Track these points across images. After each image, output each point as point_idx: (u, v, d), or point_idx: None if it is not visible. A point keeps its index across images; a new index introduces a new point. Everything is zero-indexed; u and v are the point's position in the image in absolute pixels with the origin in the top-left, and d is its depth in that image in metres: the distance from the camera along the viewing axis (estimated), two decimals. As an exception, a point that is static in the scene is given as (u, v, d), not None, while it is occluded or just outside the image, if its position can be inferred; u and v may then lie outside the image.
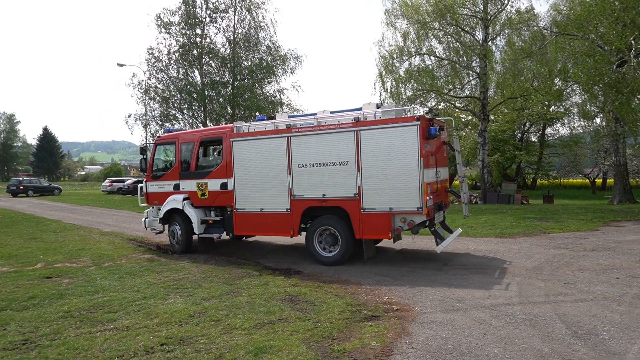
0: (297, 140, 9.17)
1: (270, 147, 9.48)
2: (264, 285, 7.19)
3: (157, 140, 12.06)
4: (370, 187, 8.51)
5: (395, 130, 8.27)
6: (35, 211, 23.47)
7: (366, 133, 8.46)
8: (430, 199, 8.32)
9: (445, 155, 9.83)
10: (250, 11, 29.64)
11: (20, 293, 6.90)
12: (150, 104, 29.64)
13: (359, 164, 8.57)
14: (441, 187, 9.39)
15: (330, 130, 8.82)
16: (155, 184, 11.56)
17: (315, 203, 9.07)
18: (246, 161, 9.81)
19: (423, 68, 25.84)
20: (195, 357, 4.45)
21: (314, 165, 9.02)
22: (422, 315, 5.64)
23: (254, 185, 9.76)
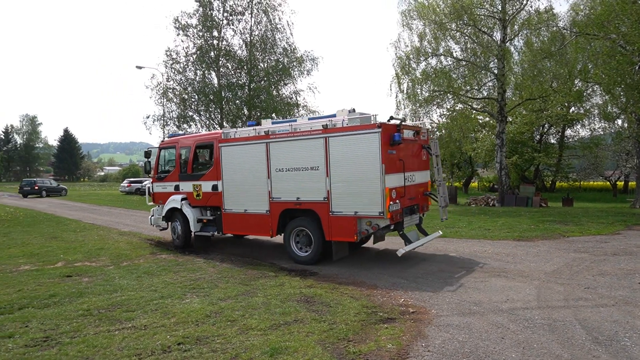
0: (274, 146, 9.70)
1: (252, 152, 10.09)
2: (280, 286, 7.21)
3: (161, 144, 12.90)
4: (338, 192, 8.87)
5: (358, 137, 8.58)
6: (56, 211, 23.91)
7: (334, 140, 8.82)
8: (396, 204, 8.57)
9: (424, 159, 10.05)
10: (266, 13, 29.78)
11: (42, 291, 7.03)
12: (168, 105, 29.99)
13: (328, 169, 8.94)
14: (417, 190, 9.66)
15: (303, 136, 9.28)
16: (159, 185, 12.42)
17: (291, 205, 9.55)
18: (232, 165, 10.47)
19: (440, 69, 25.63)
20: (212, 356, 4.48)
21: (290, 170, 9.52)
22: (438, 318, 5.59)
23: (239, 188, 10.41)
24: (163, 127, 29.87)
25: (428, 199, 10.27)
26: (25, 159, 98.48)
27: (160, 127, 30.10)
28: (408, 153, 9.29)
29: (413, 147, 9.56)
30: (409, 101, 26.44)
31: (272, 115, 29.43)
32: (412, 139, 9.44)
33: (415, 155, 9.65)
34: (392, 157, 8.60)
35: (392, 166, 8.60)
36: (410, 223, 9.64)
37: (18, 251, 10.92)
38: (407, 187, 9.16)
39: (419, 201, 9.83)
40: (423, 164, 10.02)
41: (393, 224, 8.70)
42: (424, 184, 10.13)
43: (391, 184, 8.50)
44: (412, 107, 26.56)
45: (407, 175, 9.15)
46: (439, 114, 29.84)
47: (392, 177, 8.54)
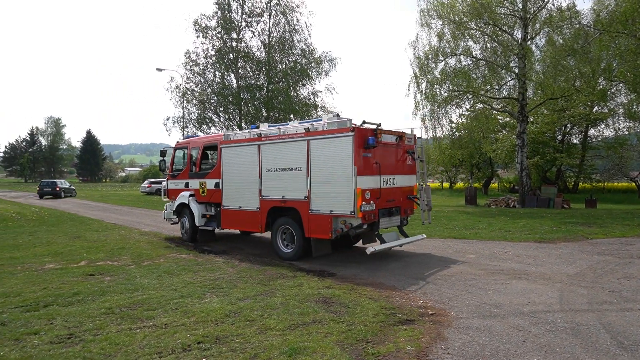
0: (265, 148, 10.42)
1: (247, 153, 10.83)
2: (298, 287, 7.23)
3: (176, 145, 13.87)
4: (317, 191, 9.40)
5: (334, 140, 9.09)
6: (79, 211, 24.41)
7: (314, 142, 9.40)
8: (370, 204, 8.96)
9: (409, 163, 10.40)
10: (285, 15, 29.90)
11: (66, 289, 7.18)
12: (188, 107, 30.34)
13: (309, 170, 9.51)
14: (398, 193, 9.99)
15: (288, 139, 9.92)
16: (173, 182, 13.51)
17: (278, 204, 10.18)
18: (230, 165, 11.30)
19: (459, 69, 25.38)
20: (231, 356, 4.51)
21: (277, 170, 10.17)
22: (458, 321, 5.53)
23: (236, 186, 11.20)
24: (183, 128, 30.22)
25: (412, 202, 10.49)
26: (49, 160, 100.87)
27: (180, 129, 30.47)
28: (388, 157, 9.69)
29: (395, 151, 9.99)
30: (428, 101, 26.25)
31: (290, 117, 29.53)
32: (394, 143, 9.88)
33: (397, 159, 10.07)
34: (367, 159, 9.01)
35: (366, 168, 9.00)
36: (390, 224, 9.94)
37: (43, 250, 11.17)
38: (385, 190, 9.52)
39: (401, 204, 10.14)
40: (407, 168, 10.35)
41: (366, 223, 9.02)
42: (409, 187, 10.40)
43: (364, 185, 8.89)
44: (431, 107, 26.36)
45: (385, 178, 9.53)
46: (458, 114, 29.56)
47: (365, 179, 8.94)
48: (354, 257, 9.99)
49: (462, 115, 29.99)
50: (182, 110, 30.33)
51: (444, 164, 43.08)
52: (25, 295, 6.80)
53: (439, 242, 12.14)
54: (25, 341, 4.94)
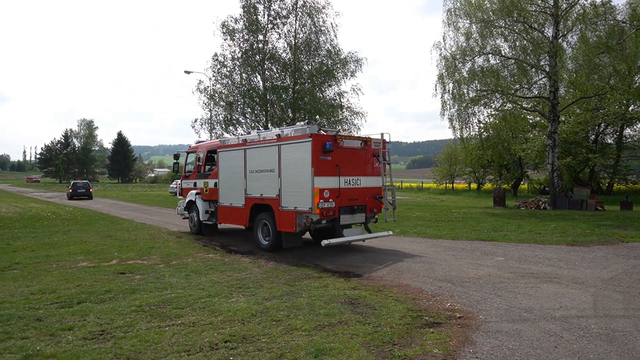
0: (249, 152, 11.73)
1: (236, 157, 12.20)
2: (324, 287, 7.23)
3: (188, 149, 15.63)
4: (286, 190, 10.56)
5: (297, 145, 10.22)
6: (110, 211, 25.06)
7: (284, 147, 10.60)
8: (329, 202, 9.97)
9: (376, 166, 11.14)
10: (311, 16, 29.97)
11: (98, 287, 7.37)
12: (215, 108, 30.72)
13: (280, 171, 10.68)
14: (362, 193, 10.82)
15: (265, 144, 11.19)
16: (185, 182, 15.33)
17: (257, 201, 11.43)
18: (225, 167, 12.74)
19: (487, 68, 24.95)
20: (257, 355, 4.54)
21: (258, 172, 11.45)
22: (486, 324, 5.43)
23: (228, 185, 12.62)
24: (210, 130, 30.64)
25: (379, 202, 11.19)
26: (82, 162, 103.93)
27: (208, 130, 30.89)
28: (350, 160, 10.55)
29: (360, 155, 10.85)
30: (455, 101, 25.92)
31: (315, 117, 29.58)
32: (358, 148, 10.79)
33: (363, 162, 10.89)
34: (326, 162, 10.01)
35: (325, 170, 9.97)
36: (353, 221, 10.80)
37: (76, 249, 11.51)
38: (346, 189, 10.44)
39: (366, 203, 10.94)
40: (373, 171, 11.11)
41: (324, 219, 10.04)
42: (375, 188, 11.14)
43: (322, 185, 9.89)
44: (458, 107, 26.00)
45: (346, 179, 10.44)
46: (486, 114, 29.04)
47: (323, 179, 9.93)
48: (379, 258, 9.94)
49: (490, 115, 29.47)
50: (209, 112, 30.76)
51: (472, 165, 42.41)
52: (60, 292, 7.01)
53: (466, 244, 11.96)
54: (60, 337, 5.09)
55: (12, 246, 11.95)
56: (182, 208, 15.19)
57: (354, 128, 31.24)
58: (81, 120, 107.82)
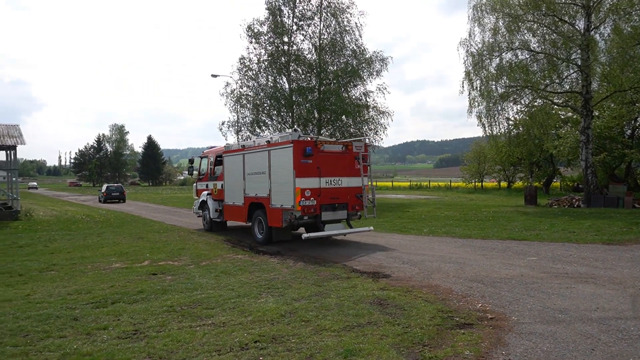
0: (246, 156, 13.20)
1: (237, 161, 13.70)
2: (352, 288, 7.21)
3: (202, 155, 17.37)
4: (274, 190, 11.88)
5: (282, 150, 11.56)
6: (142, 213, 25.64)
7: (272, 152, 11.96)
8: (310, 200, 11.17)
9: (357, 167, 12.19)
10: (335, 16, 29.92)
11: (131, 287, 7.55)
12: (242, 111, 31.01)
13: (270, 173, 12.05)
14: (344, 192, 11.94)
15: (258, 149, 12.65)
16: (199, 184, 17.14)
17: (254, 200, 12.85)
18: (228, 170, 14.28)
19: (516, 63, 24.38)
20: (287, 355, 4.56)
21: (253, 174, 12.83)
22: (519, 326, 5.31)
23: (231, 186, 14.13)
24: (237, 132, 30.96)
25: (359, 199, 12.25)
26: (114, 165, 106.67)
27: (235, 133, 31.21)
28: (331, 162, 11.68)
29: (341, 157, 11.95)
30: (483, 98, 25.43)
31: (341, 118, 29.52)
32: (339, 151, 11.93)
33: (344, 164, 11.98)
34: (307, 165, 11.19)
35: (306, 172, 11.15)
36: (335, 217, 11.85)
37: (110, 250, 11.83)
38: (326, 189, 11.58)
39: (348, 201, 12.06)
40: (354, 172, 12.19)
41: (306, 215, 11.22)
42: (355, 187, 12.21)
43: (303, 185, 11.08)
44: (487, 105, 25.50)
45: (327, 179, 11.58)
46: (515, 111, 28.38)
47: (304, 180, 11.13)
48: (407, 259, 9.84)
49: (519, 112, 28.79)
50: (236, 115, 31.08)
51: (501, 163, 41.51)
52: (95, 293, 7.22)
53: (497, 243, 11.73)
54: (95, 335, 5.24)
55: (49, 248, 12.37)
56: (196, 207, 16.97)
57: (380, 127, 31.06)
58: (113, 125, 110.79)
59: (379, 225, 16.76)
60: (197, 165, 17.45)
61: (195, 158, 17.96)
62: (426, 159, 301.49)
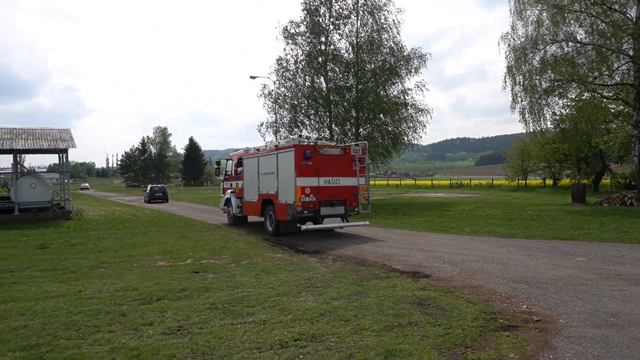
0: (261, 159, 15.13)
1: (253, 162, 15.70)
2: (392, 288, 7.14)
3: (228, 157, 19.62)
4: (281, 188, 13.61)
5: (286, 154, 13.35)
6: (184, 213, 26.35)
7: (279, 155, 13.76)
8: (310, 197, 12.86)
9: (354, 168, 13.73)
10: (372, 14, 29.72)
11: (174, 285, 7.77)
12: (280, 112, 31.29)
13: (277, 174, 13.83)
14: (341, 190, 13.54)
15: (269, 153, 14.61)
16: (225, 183, 19.43)
17: (265, 196, 14.67)
18: (247, 171, 16.35)
19: (561, 56, 23.44)
20: (327, 354, 4.57)
21: (265, 174, 14.71)
22: (567, 329, 5.10)
23: (249, 185, 16.19)
24: (275, 133, 31.27)
25: (356, 197, 13.78)
26: (158, 167, 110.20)
27: (273, 133, 31.55)
28: (329, 164, 13.30)
29: (340, 160, 13.55)
30: (526, 93, 24.62)
31: (379, 116, 29.27)
32: (338, 154, 13.58)
33: (342, 165, 13.55)
34: (307, 166, 12.84)
35: (306, 172, 12.82)
36: (333, 212, 13.48)
37: (155, 249, 12.21)
38: (325, 187, 13.23)
39: (345, 198, 13.61)
40: (351, 172, 13.73)
41: (306, 210, 12.91)
42: (352, 186, 13.76)
43: (303, 184, 12.77)
44: (530, 100, 24.66)
45: (326, 179, 13.22)
46: (561, 105, 27.28)
47: (305, 179, 12.81)
48: (448, 259, 9.66)
49: (566, 106, 27.67)
50: (274, 116, 31.41)
51: (546, 159, 40.03)
52: (141, 290, 7.47)
53: (542, 243, 11.33)
54: (142, 331, 5.42)
55: (98, 246, 12.90)
56: (222, 204, 19.35)
57: (418, 125, 30.61)
58: (156, 128, 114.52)
59: (418, 224, 16.54)
60: (224, 166, 19.73)
61: (222, 160, 20.38)
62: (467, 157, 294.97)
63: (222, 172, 19.98)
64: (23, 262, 10.58)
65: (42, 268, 9.75)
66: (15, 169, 22.63)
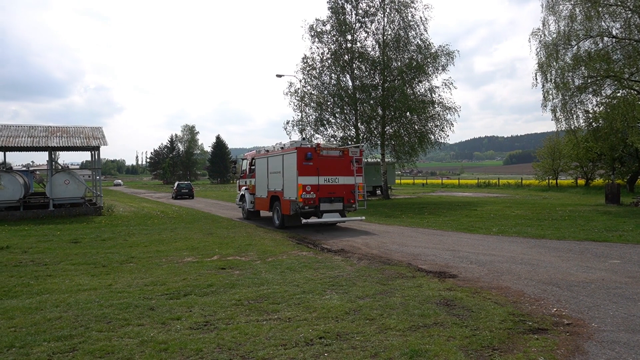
0: (269, 159, 16.91)
1: (263, 162, 17.50)
2: (418, 287, 7.08)
3: (242, 157, 21.35)
4: (286, 186, 15.30)
5: (290, 155, 15.02)
6: (211, 210, 26.71)
7: (285, 156, 15.48)
8: (310, 194, 14.44)
9: (352, 169, 15.28)
10: (399, 12, 29.48)
11: (202, 280, 7.89)
12: (306, 110, 31.36)
13: (283, 173, 15.55)
14: (340, 188, 15.08)
15: (276, 154, 16.36)
16: (241, 180, 20.95)
17: (273, 193, 16.42)
18: (258, 170, 18.12)
19: (595, 52, 22.73)
20: (352, 353, 4.56)
21: (273, 173, 16.47)
22: (600, 333, 4.95)
23: (259, 182, 17.96)
24: (301, 131, 31.37)
25: (353, 194, 15.28)
26: (186, 164, 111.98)
27: (299, 132, 31.66)
28: (329, 164, 14.87)
29: (338, 161, 15.10)
30: (558, 90, 23.98)
31: (406, 114, 29.01)
32: (337, 156, 15.12)
33: (341, 166, 15.10)
34: (308, 166, 14.45)
35: (307, 172, 14.44)
36: (332, 208, 14.97)
37: (182, 245, 12.43)
38: (324, 185, 14.77)
39: (343, 195, 15.13)
40: (349, 172, 15.26)
41: (307, 206, 14.47)
42: (350, 185, 15.28)
43: (305, 182, 14.39)
44: (562, 97, 24.00)
45: (325, 178, 14.76)
46: (595, 103, 26.45)
47: (306, 178, 14.43)
48: (475, 259, 9.50)
49: (600, 104, 26.82)
50: (300, 114, 31.50)
51: (579, 159, 38.89)
52: (169, 285, 7.62)
53: (573, 244, 11.03)
54: (170, 325, 5.53)
55: (128, 242, 13.22)
56: (238, 200, 21.29)
57: (446, 123, 30.22)
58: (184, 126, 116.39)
59: (444, 223, 16.33)
60: (239, 165, 21.67)
61: (238, 159, 22.43)
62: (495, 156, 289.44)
63: (238, 170, 21.80)
64: (57, 255, 10.93)
65: (75, 262, 10.06)
66: (50, 166, 23.37)
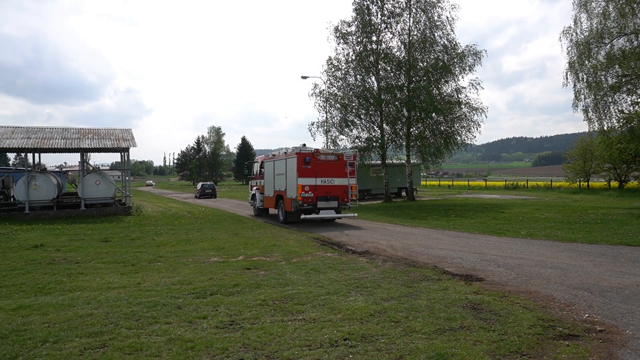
0: (275, 162, 19.38)
1: (270, 165, 19.95)
2: (444, 290, 6.99)
3: (254, 160, 23.83)
4: (288, 186, 17.63)
5: (291, 159, 17.39)
6: (236, 210, 27.00)
7: (287, 160, 17.82)
8: (308, 193, 16.77)
9: (346, 171, 17.67)
10: (425, 11, 29.15)
11: (227, 280, 7.99)
12: (331, 111, 31.35)
13: (286, 174, 17.88)
14: (335, 188, 17.45)
15: (280, 158, 18.78)
16: (253, 181, 23.52)
17: (278, 192, 18.78)
18: (266, 171, 20.54)
19: (630, 50, 22.01)
20: (376, 355, 4.54)
21: (278, 175, 18.93)
22: (635, 341, 4.79)
23: (267, 183, 20.39)
24: (326, 132, 31.37)
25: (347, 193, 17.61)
26: (212, 165, 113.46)
27: (324, 133, 31.67)
28: (325, 167, 17.23)
29: (334, 164, 17.47)
30: (590, 90, 23.32)
31: (432, 115, 28.67)
32: (333, 160, 17.49)
33: (336, 169, 17.46)
34: (307, 169, 16.82)
35: (306, 173, 16.82)
36: (328, 206, 17.27)
37: (208, 245, 12.61)
38: (321, 186, 17.09)
39: (338, 195, 17.47)
40: (343, 174, 17.61)
41: (306, 203, 16.81)
42: (344, 185, 17.61)
43: (304, 183, 16.75)
44: (595, 97, 23.32)
45: (322, 179, 17.12)
46: (629, 102, 25.61)
47: (305, 179, 16.80)
48: (503, 262, 9.32)
49: (635, 103, 25.97)
50: (325, 115, 31.51)
51: (612, 160, 37.69)
52: (196, 284, 7.73)
53: (606, 249, 10.70)
54: (196, 324, 5.62)
55: (156, 241, 13.49)
56: (250, 198, 23.98)
57: (472, 124, 29.75)
58: (210, 128, 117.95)
59: (471, 225, 16.08)
60: (251, 168, 24.17)
61: (249, 163, 25.39)
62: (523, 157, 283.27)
63: (250, 172, 24.36)
64: (88, 254, 11.25)
65: (105, 260, 10.33)
66: (82, 167, 24.05)
